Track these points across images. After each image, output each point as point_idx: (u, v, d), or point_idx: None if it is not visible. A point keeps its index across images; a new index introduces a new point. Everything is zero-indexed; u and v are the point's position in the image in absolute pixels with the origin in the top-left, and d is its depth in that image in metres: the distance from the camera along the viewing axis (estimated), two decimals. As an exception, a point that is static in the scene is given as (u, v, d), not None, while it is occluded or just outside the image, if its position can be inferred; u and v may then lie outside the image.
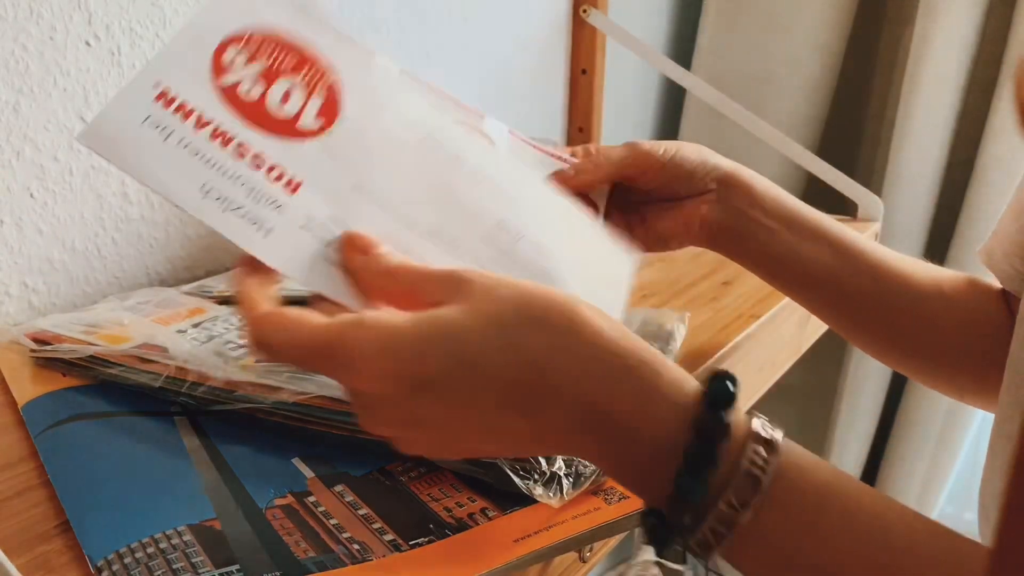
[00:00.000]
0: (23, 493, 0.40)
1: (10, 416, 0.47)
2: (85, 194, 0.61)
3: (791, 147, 0.93)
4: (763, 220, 0.49)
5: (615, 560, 1.52)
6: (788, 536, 0.27)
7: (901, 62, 1.18)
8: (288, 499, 0.38)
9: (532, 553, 0.35)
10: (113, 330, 0.52)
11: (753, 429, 0.28)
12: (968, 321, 0.49)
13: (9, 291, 0.58)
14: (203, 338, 0.51)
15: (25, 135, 0.56)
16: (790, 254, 0.49)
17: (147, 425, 0.44)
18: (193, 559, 0.34)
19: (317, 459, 0.42)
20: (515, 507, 0.38)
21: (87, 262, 0.62)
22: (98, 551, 0.34)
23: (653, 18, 1.25)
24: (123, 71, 0.61)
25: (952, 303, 0.50)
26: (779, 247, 0.49)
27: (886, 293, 0.49)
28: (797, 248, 0.49)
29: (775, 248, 0.49)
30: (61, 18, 0.57)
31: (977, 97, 1.16)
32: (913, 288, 0.50)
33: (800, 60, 1.22)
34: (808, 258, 0.49)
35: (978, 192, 1.15)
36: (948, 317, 0.50)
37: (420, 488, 0.39)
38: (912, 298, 0.49)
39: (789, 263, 0.49)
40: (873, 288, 0.49)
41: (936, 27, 1.10)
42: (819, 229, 0.49)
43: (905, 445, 1.29)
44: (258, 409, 0.43)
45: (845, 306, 0.51)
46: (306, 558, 0.34)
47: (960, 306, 0.50)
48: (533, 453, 0.35)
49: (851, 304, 0.50)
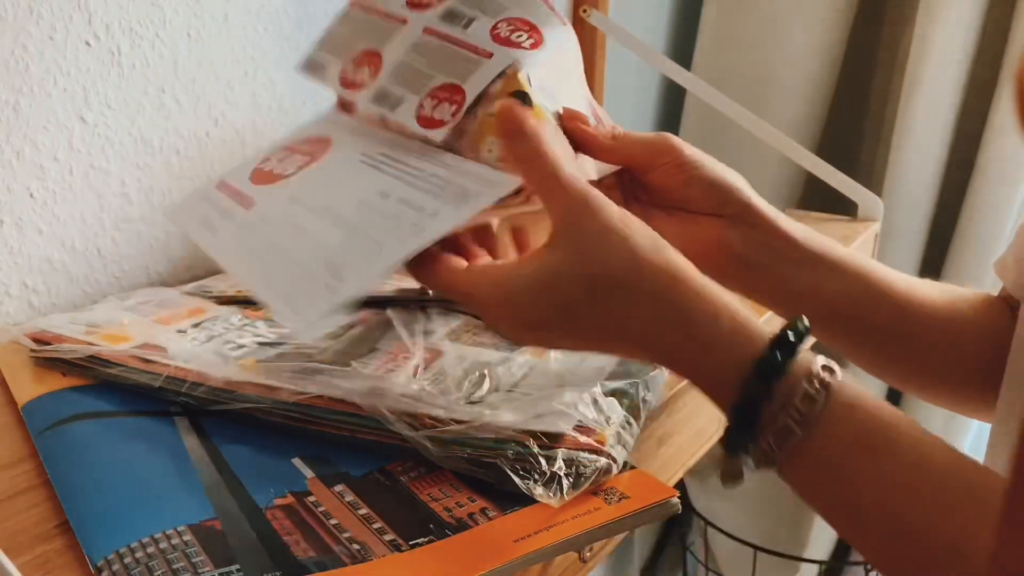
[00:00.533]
0: (23, 493, 0.40)
1: (10, 416, 0.47)
2: (85, 194, 0.61)
3: (791, 147, 0.93)
4: (786, 253, 0.46)
5: (615, 560, 1.52)
6: (834, 454, 0.32)
7: (901, 62, 1.18)
8: (288, 499, 0.38)
9: (532, 553, 0.35)
10: (113, 330, 0.52)
11: (812, 368, 0.33)
12: (990, 340, 0.48)
13: (9, 291, 0.58)
14: (203, 338, 0.51)
15: (25, 135, 0.56)
16: (811, 289, 0.46)
17: (147, 425, 0.44)
18: (193, 559, 0.34)
19: (317, 459, 0.42)
20: (515, 507, 0.38)
21: (87, 262, 0.62)
22: (98, 551, 0.34)
23: (653, 18, 1.25)
24: (123, 71, 0.61)
25: (973, 324, 0.49)
26: (801, 283, 0.46)
27: (909, 323, 0.47)
28: (819, 284, 0.46)
29: (796, 285, 0.46)
30: (61, 18, 0.57)
31: (977, 97, 1.16)
32: (935, 315, 0.48)
33: (800, 60, 1.22)
34: (830, 294, 0.47)
35: (978, 192, 1.15)
36: (971, 339, 0.48)
37: (420, 488, 0.39)
38: (935, 326, 0.48)
39: (810, 299, 0.47)
40: (896, 319, 0.47)
41: (936, 27, 1.10)
42: (840, 263, 0.47)
43: (905, 445, 1.29)
44: (258, 409, 0.44)
45: (867, 340, 0.49)
46: (306, 558, 0.34)
47: (983, 327, 0.49)
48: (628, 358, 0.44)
49: (874, 338, 0.49)
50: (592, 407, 0.43)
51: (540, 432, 0.40)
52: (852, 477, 0.32)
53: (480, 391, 0.45)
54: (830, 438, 0.32)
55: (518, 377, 0.47)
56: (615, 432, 0.41)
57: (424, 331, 0.52)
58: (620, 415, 0.43)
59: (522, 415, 0.42)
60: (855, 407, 0.33)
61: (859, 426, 0.32)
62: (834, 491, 0.32)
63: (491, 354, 0.49)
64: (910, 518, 0.31)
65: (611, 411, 0.43)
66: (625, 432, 0.42)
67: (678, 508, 0.39)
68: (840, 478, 0.32)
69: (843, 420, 0.32)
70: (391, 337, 0.52)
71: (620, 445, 0.41)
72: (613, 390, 0.45)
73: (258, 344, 0.50)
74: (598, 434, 0.41)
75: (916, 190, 1.18)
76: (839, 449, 0.32)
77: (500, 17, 0.45)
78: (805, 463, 0.32)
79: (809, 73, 1.22)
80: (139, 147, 0.63)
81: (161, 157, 0.65)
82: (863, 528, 0.32)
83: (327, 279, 0.39)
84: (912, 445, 0.32)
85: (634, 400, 0.45)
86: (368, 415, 0.42)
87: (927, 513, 0.30)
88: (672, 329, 0.34)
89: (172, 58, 0.64)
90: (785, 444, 0.32)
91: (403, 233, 0.39)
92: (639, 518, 0.38)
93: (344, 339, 0.52)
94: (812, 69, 1.22)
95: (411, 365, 0.47)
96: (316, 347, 0.50)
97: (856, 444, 0.32)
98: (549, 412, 0.42)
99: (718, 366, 0.34)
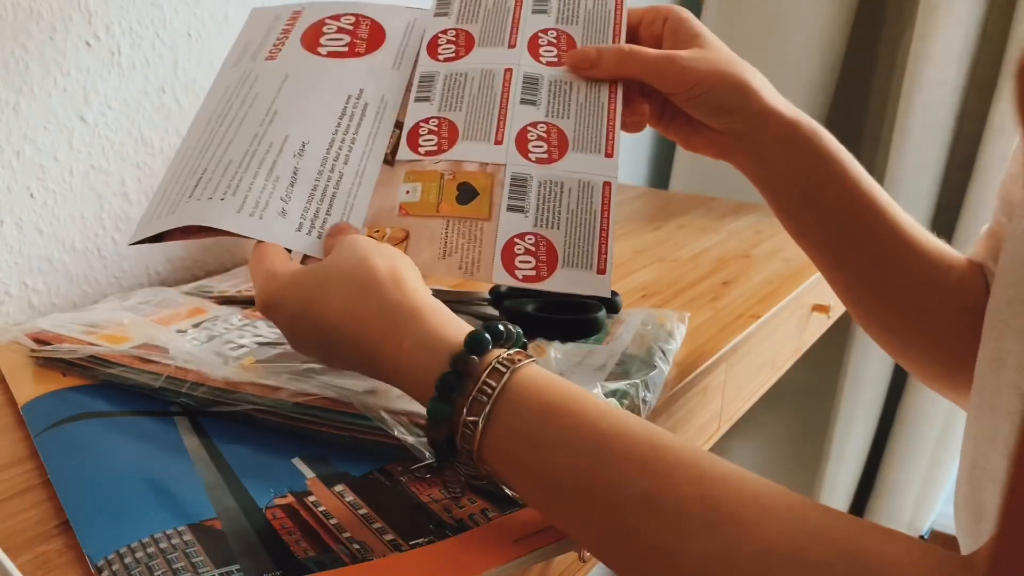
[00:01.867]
0: (23, 493, 0.40)
1: (10, 416, 0.47)
2: (85, 194, 0.61)
3: (791, 147, 0.93)
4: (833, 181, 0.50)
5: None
6: (512, 446, 0.33)
7: (901, 62, 1.18)
8: (288, 499, 0.38)
9: (532, 553, 0.35)
10: (113, 330, 0.52)
11: (492, 364, 0.34)
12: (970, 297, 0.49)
13: (9, 291, 0.58)
14: (203, 338, 0.51)
15: (25, 135, 0.56)
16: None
17: (147, 425, 0.44)
18: (193, 559, 0.34)
19: (317, 459, 0.42)
20: (515, 507, 0.38)
21: (87, 262, 0.62)
22: (98, 551, 0.34)
23: (653, 18, 1.25)
24: (123, 71, 0.61)
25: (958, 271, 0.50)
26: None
27: (896, 239, 0.50)
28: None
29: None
30: (61, 18, 0.57)
31: (977, 97, 1.16)
32: (919, 242, 0.51)
33: (800, 60, 1.22)
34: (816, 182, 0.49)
35: (978, 192, 1.15)
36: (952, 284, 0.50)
37: (420, 488, 0.39)
38: (918, 252, 0.50)
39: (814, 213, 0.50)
40: (883, 227, 0.50)
41: (936, 27, 1.10)
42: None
43: (905, 445, 1.29)
44: (258, 409, 0.44)
45: (861, 266, 0.51)
46: (306, 558, 0.34)
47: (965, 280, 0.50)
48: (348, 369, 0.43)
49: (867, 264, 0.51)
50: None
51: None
52: (543, 444, 0.33)
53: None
54: (518, 407, 0.33)
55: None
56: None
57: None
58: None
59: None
60: (541, 380, 0.34)
61: (545, 396, 0.33)
62: (530, 462, 0.33)
63: (491, 354, 0.49)
64: (601, 479, 0.31)
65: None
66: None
67: (678, 508, 0.39)
68: (534, 447, 0.33)
69: (530, 390, 0.34)
70: (391, 337, 0.52)
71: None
72: (613, 390, 0.45)
73: (258, 344, 0.50)
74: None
75: (916, 190, 1.18)
76: (527, 418, 0.33)
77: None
78: (499, 436, 0.33)
79: (809, 73, 1.22)
80: (139, 147, 0.63)
81: (161, 157, 0.65)
82: (559, 497, 0.33)
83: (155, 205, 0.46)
84: (598, 411, 0.33)
85: (634, 400, 0.45)
86: (367, 415, 0.42)
87: (618, 472, 0.31)
88: (384, 318, 0.37)
89: (172, 58, 0.64)
90: (479, 414, 0.33)
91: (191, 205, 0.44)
92: (639, 518, 0.38)
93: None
94: (812, 69, 1.22)
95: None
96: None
97: (543, 411, 0.33)
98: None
99: (428, 348, 0.36)
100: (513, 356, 0.35)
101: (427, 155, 0.48)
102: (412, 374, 0.36)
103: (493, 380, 0.34)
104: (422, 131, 0.49)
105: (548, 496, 0.33)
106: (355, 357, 0.38)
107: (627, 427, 0.32)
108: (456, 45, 0.51)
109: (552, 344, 0.51)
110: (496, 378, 0.34)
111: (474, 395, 0.34)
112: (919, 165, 1.17)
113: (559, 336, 0.52)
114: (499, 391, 0.33)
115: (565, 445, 0.32)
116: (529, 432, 0.33)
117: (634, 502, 0.30)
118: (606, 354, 0.51)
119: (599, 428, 0.32)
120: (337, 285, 0.38)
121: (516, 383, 0.34)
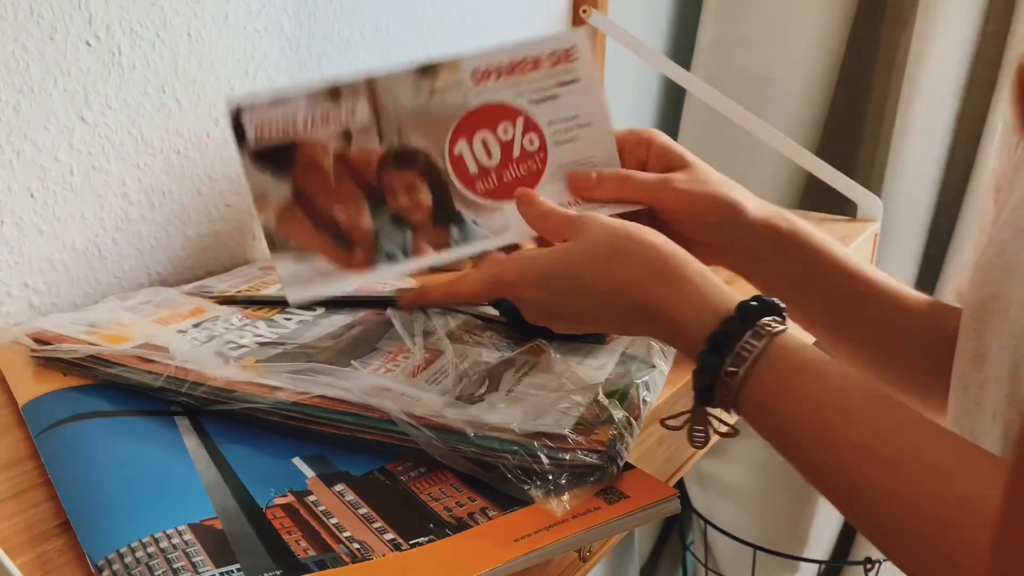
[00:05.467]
0: (23, 493, 0.40)
1: (10, 416, 0.47)
2: (85, 194, 0.61)
3: (791, 147, 0.93)
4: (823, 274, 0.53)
5: (615, 560, 1.52)
6: (763, 397, 0.39)
7: (901, 62, 1.18)
8: (288, 498, 0.38)
9: (532, 553, 0.35)
10: (114, 330, 0.52)
11: (754, 328, 0.40)
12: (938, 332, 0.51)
13: (9, 291, 0.58)
14: (203, 338, 0.51)
15: (25, 135, 0.56)
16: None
17: (147, 425, 0.44)
18: (193, 558, 0.34)
19: (317, 459, 0.42)
20: (515, 507, 0.38)
21: (87, 262, 0.62)
22: (98, 550, 0.34)
23: (653, 18, 1.25)
24: (123, 71, 0.61)
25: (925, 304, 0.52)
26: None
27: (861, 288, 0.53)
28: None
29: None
30: (61, 18, 0.57)
31: (977, 97, 1.16)
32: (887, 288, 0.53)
33: (800, 60, 1.22)
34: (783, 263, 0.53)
35: (978, 192, 1.15)
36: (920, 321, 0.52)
37: (420, 488, 0.39)
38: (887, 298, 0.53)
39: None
40: (848, 281, 0.53)
41: (936, 27, 1.10)
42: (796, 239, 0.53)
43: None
44: (258, 409, 0.44)
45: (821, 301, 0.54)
46: (306, 557, 0.34)
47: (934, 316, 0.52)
48: (621, 333, 0.52)
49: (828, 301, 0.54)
50: (592, 407, 0.43)
51: (542, 434, 0.40)
52: (790, 397, 0.38)
53: (480, 391, 0.45)
54: (774, 365, 0.39)
55: (517, 377, 0.47)
56: (615, 432, 0.41)
57: (424, 331, 0.52)
58: (620, 415, 0.43)
59: (522, 415, 0.42)
60: (794, 346, 0.40)
61: (799, 357, 0.39)
62: (776, 411, 0.39)
63: (491, 354, 0.49)
64: (834, 429, 0.37)
65: (611, 411, 0.43)
66: (625, 432, 0.42)
67: (678, 508, 0.39)
68: (781, 398, 0.39)
69: (788, 350, 0.39)
70: (391, 337, 0.52)
71: (620, 445, 0.41)
72: (613, 390, 0.45)
73: (258, 344, 0.51)
74: (598, 434, 0.41)
75: (915, 190, 1.18)
76: (781, 374, 0.39)
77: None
78: (753, 387, 0.39)
79: (809, 73, 1.22)
80: (139, 147, 0.63)
81: (161, 157, 0.65)
82: (799, 445, 0.38)
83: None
84: (842, 373, 0.39)
85: (634, 400, 0.45)
86: (368, 415, 0.42)
87: (850, 422, 0.36)
88: (660, 283, 0.43)
89: (172, 58, 0.64)
90: (741, 365, 0.39)
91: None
92: (639, 518, 0.38)
93: (344, 339, 0.52)
94: (812, 69, 1.22)
95: (411, 365, 0.48)
96: (316, 347, 0.50)
97: (798, 367, 0.39)
98: (549, 412, 0.42)
99: (700, 309, 0.42)
100: (771, 322, 0.40)
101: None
102: (687, 335, 0.42)
103: (756, 341, 0.39)
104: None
105: (788, 443, 0.39)
106: (632, 319, 0.44)
107: (859, 387, 0.38)
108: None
109: (552, 344, 0.51)
110: (758, 339, 0.39)
111: (738, 351, 0.39)
112: (919, 165, 1.17)
113: (559, 336, 0.52)
114: (761, 351, 0.39)
115: (810, 397, 0.38)
116: (779, 385, 0.39)
117: (855, 451, 0.36)
118: (606, 354, 0.51)
119: (837, 385, 0.38)
120: (611, 257, 0.44)
121: (776, 345, 0.39)
